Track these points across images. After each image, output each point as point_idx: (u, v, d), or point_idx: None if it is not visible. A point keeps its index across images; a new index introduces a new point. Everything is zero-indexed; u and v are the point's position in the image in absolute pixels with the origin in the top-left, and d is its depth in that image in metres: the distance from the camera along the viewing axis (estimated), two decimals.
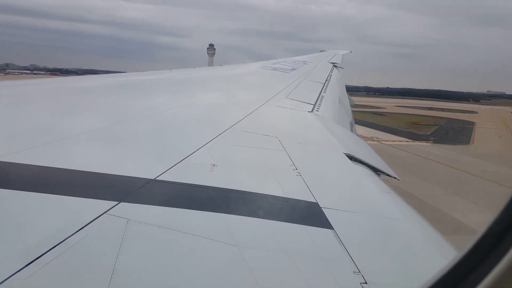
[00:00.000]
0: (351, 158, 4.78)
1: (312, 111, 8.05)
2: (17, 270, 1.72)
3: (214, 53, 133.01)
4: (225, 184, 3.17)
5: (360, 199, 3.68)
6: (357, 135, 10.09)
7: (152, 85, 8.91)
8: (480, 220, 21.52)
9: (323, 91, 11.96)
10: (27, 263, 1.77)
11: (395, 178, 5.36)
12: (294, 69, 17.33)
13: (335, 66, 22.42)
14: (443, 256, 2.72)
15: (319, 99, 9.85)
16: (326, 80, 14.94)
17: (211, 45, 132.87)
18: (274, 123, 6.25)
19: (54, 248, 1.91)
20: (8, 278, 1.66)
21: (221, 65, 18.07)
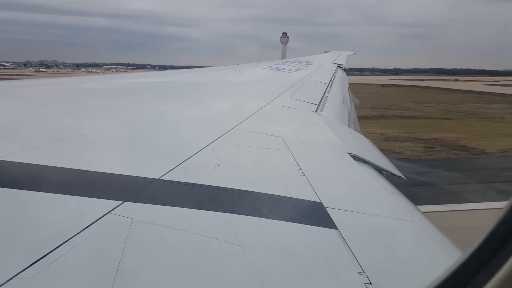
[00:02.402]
0: (355, 157, 4.77)
1: (316, 111, 8.04)
2: (22, 269, 1.72)
3: (287, 42, 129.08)
4: (229, 184, 3.17)
5: (365, 199, 3.66)
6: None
7: (156, 87, 8.96)
8: None
9: (327, 91, 11.97)
10: (31, 263, 1.77)
11: (400, 177, 5.34)
12: (299, 70, 17.38)
13: (340, 67, 22.44)
14: (448, 257, 2.70)
15: (323, 99, 9.85)
16: (330, 81, 14.97)
17: (284, 34, 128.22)
18: (278, 123, 6.25)
19: (59, 248, 1.91)
20: (13, 277, 1.66)
21: (225, 65, 18.14)
